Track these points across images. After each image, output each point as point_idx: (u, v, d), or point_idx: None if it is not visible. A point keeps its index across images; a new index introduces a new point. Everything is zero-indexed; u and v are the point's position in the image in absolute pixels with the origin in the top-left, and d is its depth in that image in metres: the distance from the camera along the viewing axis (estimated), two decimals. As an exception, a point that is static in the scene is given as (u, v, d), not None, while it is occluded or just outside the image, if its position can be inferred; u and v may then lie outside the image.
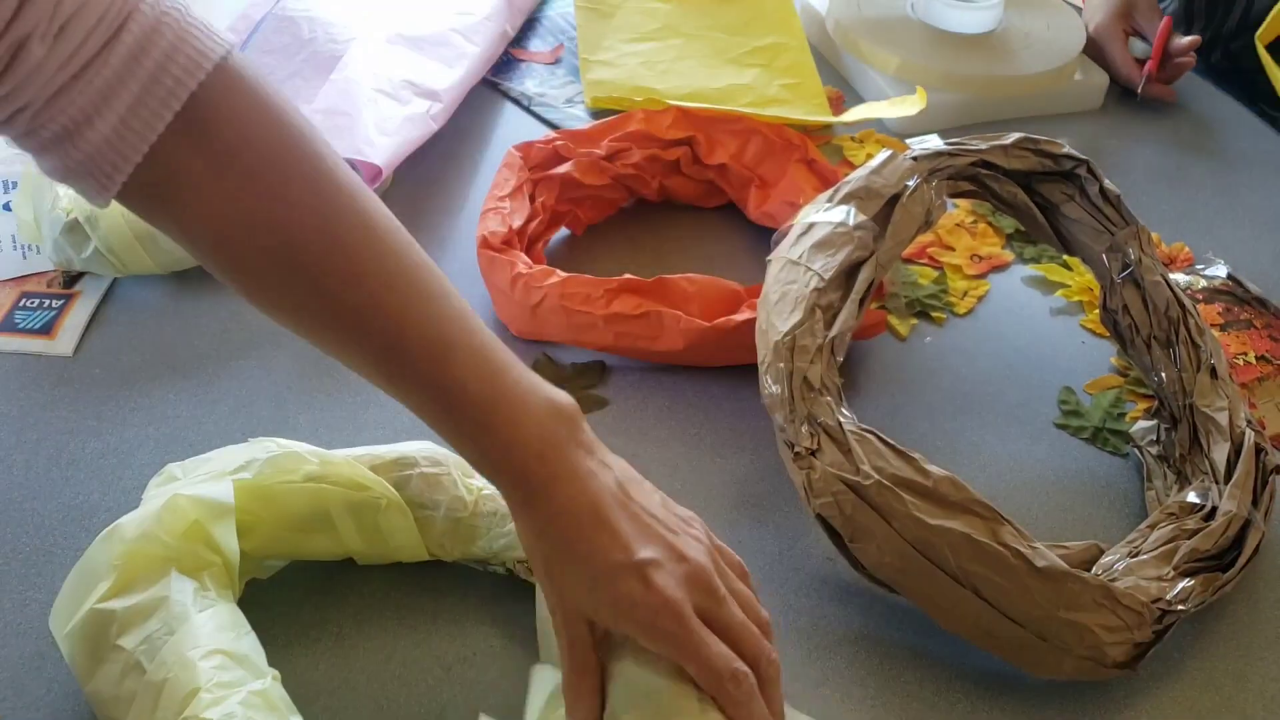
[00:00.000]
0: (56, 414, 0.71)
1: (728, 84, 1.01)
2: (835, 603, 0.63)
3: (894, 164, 0.71)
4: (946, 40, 1.05)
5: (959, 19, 1.06)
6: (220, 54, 0.48)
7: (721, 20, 1.10)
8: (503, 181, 0.82)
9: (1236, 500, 0.63)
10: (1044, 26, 1.08)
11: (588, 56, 1.05)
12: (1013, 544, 0.56)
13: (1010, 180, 0.73)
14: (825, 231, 0.68)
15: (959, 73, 1.02)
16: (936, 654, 0.61)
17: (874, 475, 0.58)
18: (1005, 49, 1.05)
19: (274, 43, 0.93)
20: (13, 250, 0.82)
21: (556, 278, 0.74)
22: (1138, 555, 0.61)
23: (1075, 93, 1.06)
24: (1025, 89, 1.03)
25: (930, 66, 1.01)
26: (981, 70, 1.02)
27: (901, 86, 1.00)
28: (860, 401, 0.75)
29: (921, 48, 1.04)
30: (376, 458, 0.61)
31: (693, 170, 0.89)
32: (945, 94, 1.00)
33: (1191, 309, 0.71)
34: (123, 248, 0.76)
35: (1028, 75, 1.03)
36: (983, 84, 1.01)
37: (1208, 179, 0.99)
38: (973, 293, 0.85)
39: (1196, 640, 0.63)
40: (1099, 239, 0.72)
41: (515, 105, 1.02)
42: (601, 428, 0.72)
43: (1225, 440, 0.65)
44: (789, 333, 0.63)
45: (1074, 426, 0.75)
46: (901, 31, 1.06)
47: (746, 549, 0.65)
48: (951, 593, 0.57)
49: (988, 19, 1.06)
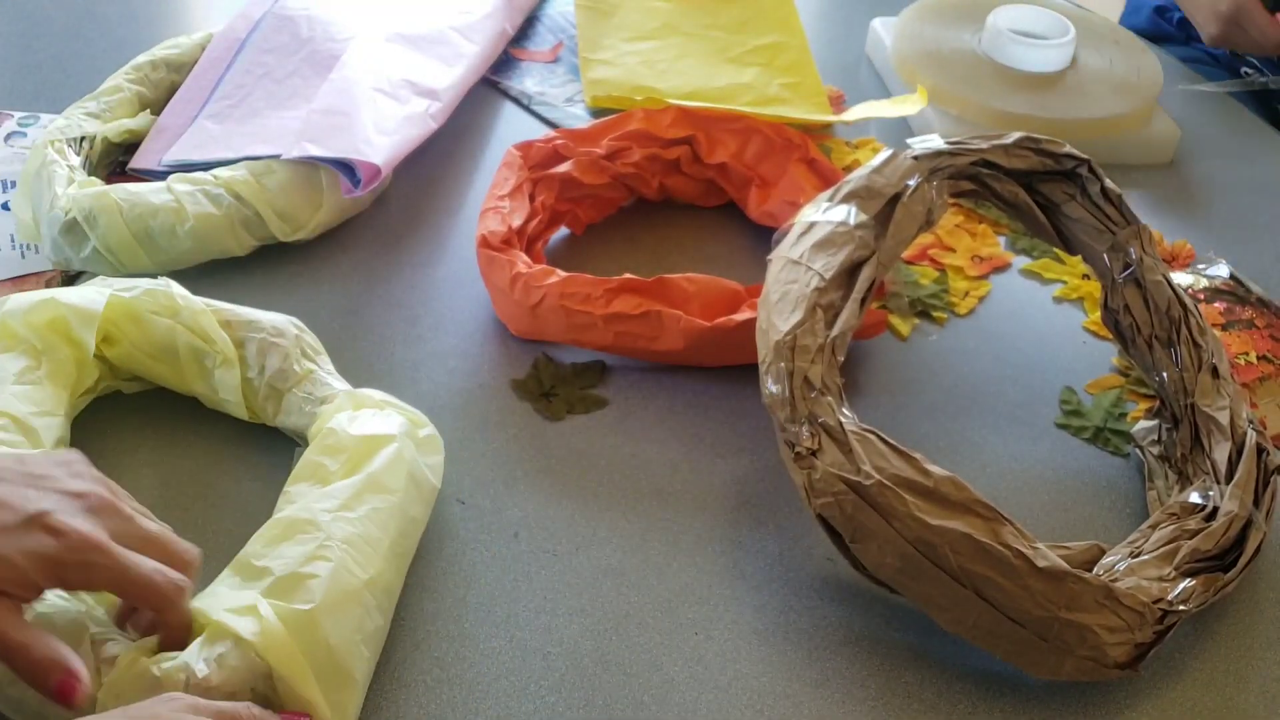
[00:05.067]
0: (55, 414, 0.71)
1: (728, 83, 1.01)
2: (836, 603, 0.63)
3: (895, 163, 0.71)
4: (1011, 78, 1.00)
5: (1026, 56, 1.00)
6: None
7: (722, 19, 1.10)
8: (502, 181, 0.82)
9: (1238, 500, 0.63)
10: (1121, 67, 1.02)
11: (587, 55, 1.04)
12: (1014, 544, 0.56)
13: (1011, 180, 0.73)
14: (826, 231, 0.68)
15: (1017, 113, 0.96)
16: (937, 654, 0.61)
17: (875, 475, 0.57)
18: (1075, 90, 0.99)
19: (273, 42, 0.93)
20: (11, 250, 0.82)
21: (556, 277, 0.74)
22: (1139, 555, 0.61)
23: (1145, 143, 0.99)
24: (1091, 134, 0.97)
25: (990, 105, 0.96)
26: (1041, 111, 0.96)
27: (963, 124, 0.96)
28: (861, 401, 0.75)
29: (986, 85, 0.99)
30: (234, 314, 0.67)
31: (693, 169, 0.89)
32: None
33: (1193, 308, 0.70)
34: (121, 247, 0.76)
35: (1094, 120, 0.97)
36: (1043, 127, 0.88)
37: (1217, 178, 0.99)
38: (974, 293, 0.85)
39: (1198, 640, 0.63)
40: (1100, 238, 0.72)
41: (515, 104, 1.01)
42: (601, 428, 0.73)
43: (1227, 440, 0.65)
44: (790, 332, 0.63)
45: (1075, 426, 0.75)
46: (964, 67, 1.01)
47: (746, 549, 0.66)
48: (952, 593, 0.57)
49: (1058, 57, 1.01)
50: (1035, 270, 0.87)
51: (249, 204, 0.78)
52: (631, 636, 0.61)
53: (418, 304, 0.80)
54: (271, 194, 0.79)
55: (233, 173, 0.79)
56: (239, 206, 0.78)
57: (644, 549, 0.65)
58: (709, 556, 0.65)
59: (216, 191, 0.78)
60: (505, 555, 0.64)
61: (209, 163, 0.82)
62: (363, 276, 0.82)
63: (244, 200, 0.78)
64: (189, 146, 0.85)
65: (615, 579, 0.63)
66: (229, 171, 0.79)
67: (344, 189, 0.80)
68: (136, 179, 0.83)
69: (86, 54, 1.04)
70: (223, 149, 0.84)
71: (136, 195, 0.76)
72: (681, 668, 0.59)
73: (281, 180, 0.79)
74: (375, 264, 0.83)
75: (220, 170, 0.79)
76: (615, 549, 0.65)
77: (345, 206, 0.83)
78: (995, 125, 0.92)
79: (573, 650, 0.60)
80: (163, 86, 0.92)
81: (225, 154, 0.83)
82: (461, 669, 0.58)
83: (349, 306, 0.79)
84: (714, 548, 0.65)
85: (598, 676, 0.59)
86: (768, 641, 0.61)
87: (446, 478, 0.65)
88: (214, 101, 0.89)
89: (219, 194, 0.78)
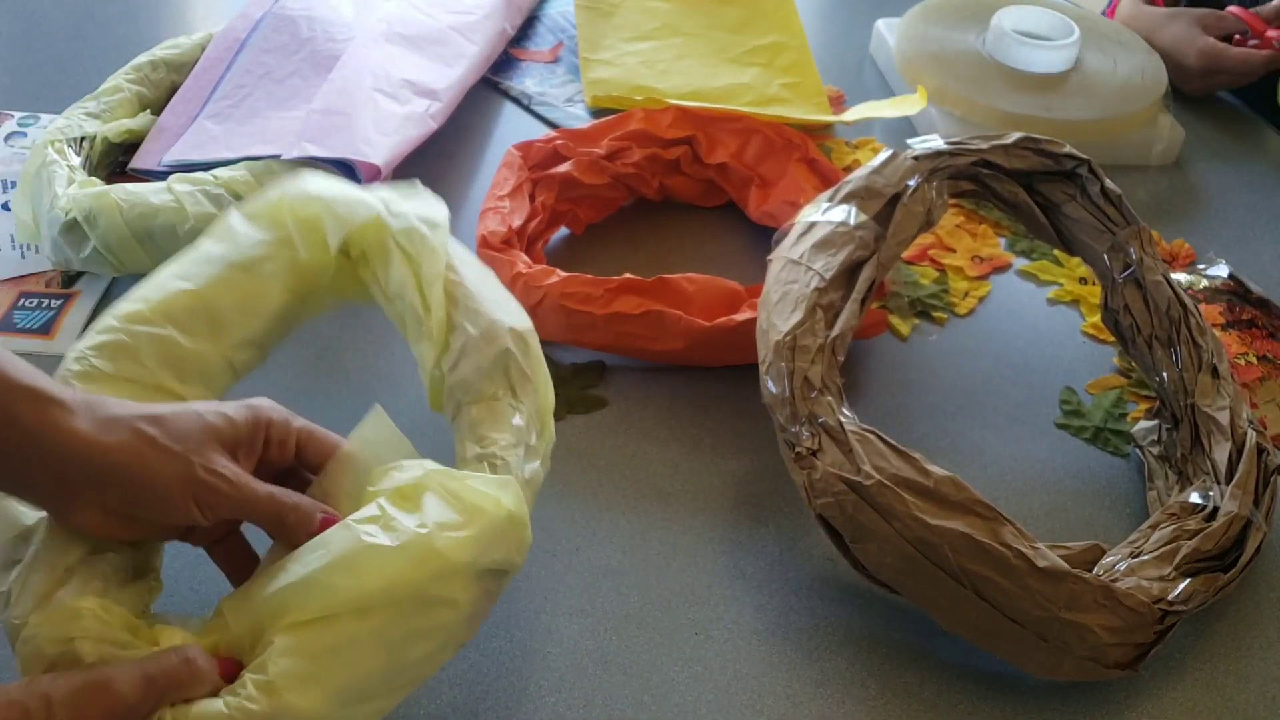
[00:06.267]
0: (55, 414, 0.71)
1: (728, 83, 1.01)
2: (836, 603, 0.63)
3: (895, 163, 0.71)
4: (1015, 79, 1.00)
5: (1030, 57, 1.00)
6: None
7: (721, 19, 1.10)
8: (502, 181, 0.82)
9: (1238, 500, 0.63)
10: (1125, 68, 1.02)
11: (588, 55, 1.04)
12: (1014, 544, 0.56)
13: (1011, 180, 0.73)
14: (826, 231, 0.68)
15: (1021, 114, 0.96)
16: (937, 654, 0.61)
17: (875, 475, 0.57)
18: (1079, 91, 1.00)
19: (273, 42, 0.93)
20: (11, 250, 0.82)
21: (556, 277, 0.74)
22: (1139, 555, 0.61)
23: (1149, 144, 0.99)
24: (1095, 135, 0.97)
25: (994, 106, 0.97)
26: (1045, 112, 0.96)
27: (966, 125, 0.97)
28: (861, 401, 0.75)
29: (990, 86, 0.99)
30: (468, 297, 0.59)
31: (693, 170, 0.89)
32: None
33: (1193, 308, 0.70)
34: (121, 247, 0.76)
35: (1098, 121, 0.97)
36: (1047, 128, 0.89)
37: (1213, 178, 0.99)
38: (974, 293, 0.85)
39: (1198, 640, 0.63)
40: (1100, 239, 0.72)
41: (515, 104, 1.01)
42: (601, 428, 0.73)
43: (1227, 440, 0.65)
44: (790, 332, 0.63)
45: (1075, 427, 0.75)
46: (967, 68, 1.01)
47: (746, 549, 0.66)
48: (952, 593, 0.57)
49: (1062, 59, 1.01)
50: (1032, 271, 0.87)
51: (249, 204, 0.78)
52: (631, 636, 0.61)
53: (418, 304, 0.80)
54: (271, 194, 0.79)
55: (233, 173, 0.79)
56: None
57: (644, 549, 0.65)
58: (709, 556, 0.65)
59: (216, 191, 0.78)
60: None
61: (209, 163, 0.82)
62: (363, 276, 0.82)
63: (244, 200, 0.78)
64: (189, 146, 0.85)
65: (615, 579, 0.63)
66: (229, 171, 0.79)
67: (344, 189, 0.80)
68: (136, 179, 0.83)
69: (86, 54, 1.04)
70: (223, 149, 0.84)
71: (136, 195, 0.76)
72: (681, 668, 0.59)
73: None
74: (375, 264, 0.83)
75: (220, 170, 0.79)
76: (615, 549, 0.65)
77: (345, 206, 0.83)
78: (999, 126, 0.92)
79: (573, 650, 0.60)
80: (163, 86, 0.92)
81: (225, 154, 0.83)
82: (462, 669, 0.58)
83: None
84: (714, 548, 0.65)
85: (598, 676, 0.59)
86: (768, 641, 0.61)
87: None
88: (214, 101, 0.89)
89: (219, 194, 0.78)
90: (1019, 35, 1.01)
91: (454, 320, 0.59)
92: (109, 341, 0.56)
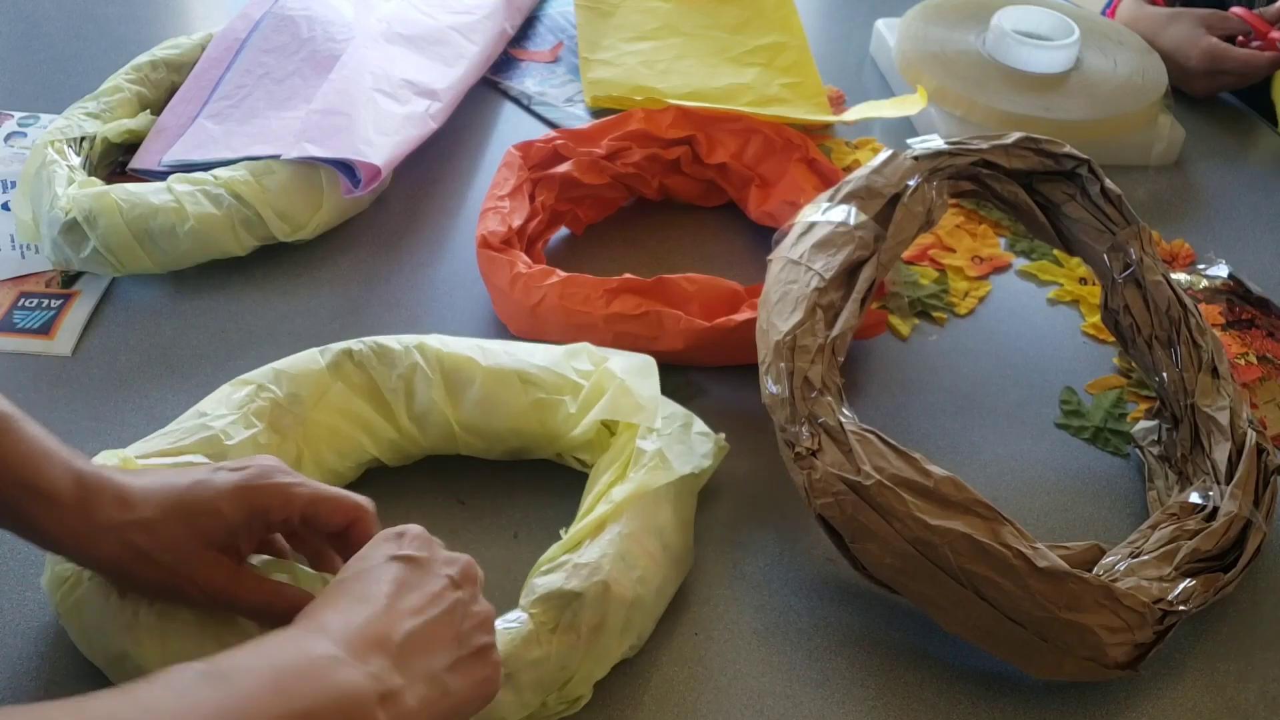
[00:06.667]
0: (55, 414, 0.70)
1: (728, 83, 1.01)
2: (836, 603, 0.63)
3: (895, 163, 0.71)
4: (1016, 79, 1.00)
5: (1030, 57, 1.00)
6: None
7: (721, 19, 1.10)
8: (502, 181, 0.82)
9: (1238, 500, 0.63)
10: (1125, 68, 1.01)
11: (588, 55, 1.04)
12: (1014, 544, 0.56)
13: (1011, 180, 0.73)
14: (826, 231, 0.68)
15: (1021, 114, 0.96)
16: (937, 655, 0.61)
17: (875, 475, 0.57)
18: (1079, 91, 0.99)
19: (273, 42, 0.93)
20: (11, 250, 0.82)
21: (556, 277, 0.74)
22: (1139, 555, 0.61)
23: (1150, 144, 0.98)
24: (1096, 135, 0.96)
25: (994, 106, 0.96)
26: (1045, 112, 0.96)
27: (967, 125, 0.96)
28: (861, 401, 0.75)
29: (990, 86, 0.99)
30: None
31: (693, 170, 0.89)
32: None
33: (1193, 309, 0.70)
34: (121, 247, 0.76)
35: (1099, 121, 0.96)
36: (1047, 128, 0.87)
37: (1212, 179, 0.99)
38: (974, 293, 0.85)
39: (1198, 640, 0.63)
40: (1100, 239, 0.72)
41: (515, 104, 1.01)
42: (601, 428, 0.73)
43: (1226, 440, 0.65)
44: (790, 332, 0.63)
45: (1075, 427, 0.75)
46: (968, 68, 1.01)
47: (746, 549, 0.65)
48: (952, 593, 0.57)
49: (1062, 59, 1.00)
50: (1031, 272, 0.87)
51: (249, 204, 0.78)
52: (631, 636, 0.60)
53: (418, 304, 0.80)
54: (271, 194, 0.79)
55: (233, 173, 0.79)
56: (239, 207, 0.78)
57: (644, 549, 0.65)
58: (709, 556, 0.65)
59: (216, 191, 0.78)
60: (505, 555, 0.64)
61: (209, 163, 0.82)
62: (363, 276, 0.82)
63: (244, 200, 0.78)
64: (189, 146, 0.85)
65: (615, 579, 0.63)
66: (229, 171, 0.79)
67: (344, 189, 0.80)
68: (136, 179, 0.84)
69: (86, 54, 1.04)
70: (223, 149, 0.84)
71: (136, 195, 0.76)
72: (681, 668, 0.59)
73: (281, 180, 0.79)
74: (375, 264, 0.83)
75: (220, 170, 0.79)
76: (615, 549, 0.65)
77: (345, 207, 0.83)
78: (999, 126, 0.92)
79: (573, 650, 0.60)
80: (163, 86, 0.92)
81: (225, 154, 0.83)
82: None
83: (349, 306, 0.79)
84: (714, 548, 0.65)
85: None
86: (768, 641, 0.61)
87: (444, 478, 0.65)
88: (214, 101, 0.89)
89: (219, 194, 0.78)
90: (1019, 35, 1.01)
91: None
92: None
